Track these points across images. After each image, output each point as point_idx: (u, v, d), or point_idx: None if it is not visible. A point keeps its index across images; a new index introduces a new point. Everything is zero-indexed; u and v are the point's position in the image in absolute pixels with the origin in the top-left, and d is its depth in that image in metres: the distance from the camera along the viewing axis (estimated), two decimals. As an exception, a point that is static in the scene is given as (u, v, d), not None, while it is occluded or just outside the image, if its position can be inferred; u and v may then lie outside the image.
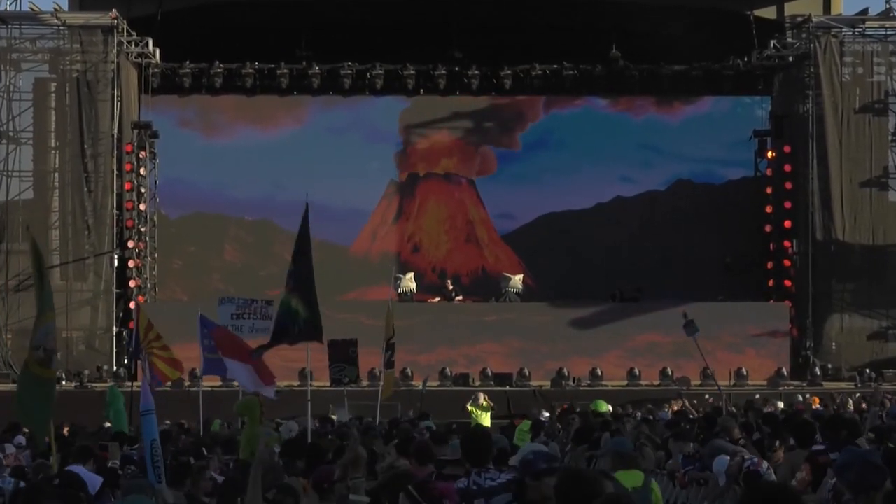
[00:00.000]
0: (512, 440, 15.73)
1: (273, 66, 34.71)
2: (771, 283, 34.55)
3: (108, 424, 20.38)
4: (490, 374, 31.08)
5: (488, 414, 26.47)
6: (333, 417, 22.44)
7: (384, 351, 21.42)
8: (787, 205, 33.97)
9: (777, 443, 13.13)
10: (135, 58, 33.81)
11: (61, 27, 33.31)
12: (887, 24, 33.89)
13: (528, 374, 31.08)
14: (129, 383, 26.86)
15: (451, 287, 33.91)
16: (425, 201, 36.41)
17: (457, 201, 36.42)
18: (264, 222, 35.93)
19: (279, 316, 16.66)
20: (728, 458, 12.23)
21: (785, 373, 31.35)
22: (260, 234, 36.07)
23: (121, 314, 32.88)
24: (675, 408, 25.03)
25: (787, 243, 34.08)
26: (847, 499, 6.96)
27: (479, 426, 20.32)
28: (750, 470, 11.50)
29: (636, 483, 8.92)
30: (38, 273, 12.70)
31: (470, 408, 27.16)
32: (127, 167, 33.67)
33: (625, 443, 10.59)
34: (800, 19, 33.98)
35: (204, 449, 14.37)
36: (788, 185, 34.01)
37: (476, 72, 34.90)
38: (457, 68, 34.94)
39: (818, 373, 31.77)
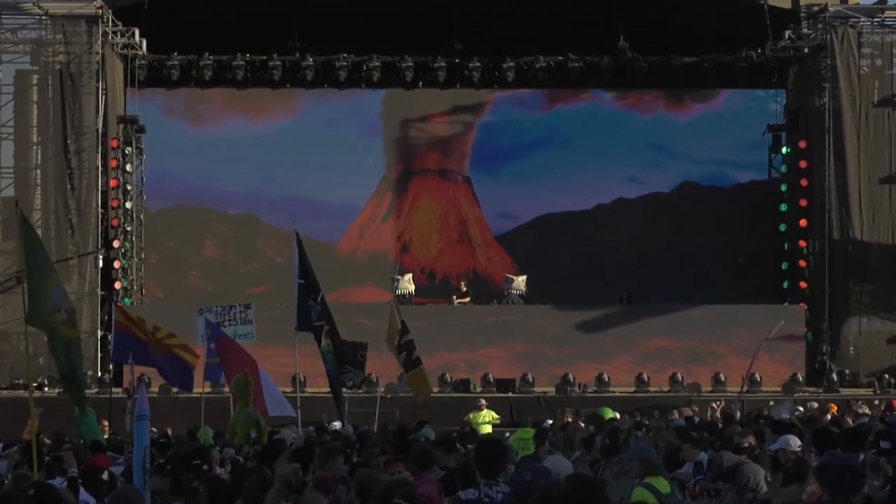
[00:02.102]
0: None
1: (265, 57, 34.62)
2: (785, 284, 34.45)
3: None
4: (492, 379, 30.95)
5: (490, 424, 26.33)
6: (336, 426, 22.28)
7: (397, 353, 21.36)
8: (803, 203, 33.87)
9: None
10: (120, 49, 33.69)
11: (43, 17, 33.18)
12: (907, 13, 33.83)
13: (531, 379, 30.97)
14: (112, 389, 26.77)
15: (464, 288, 33.84)
16: (418, 198, 36.34)
17: (451, 199, 36.35)
18: (248, 216, 35.86)
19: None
20: None
21: (800, 378, 31.23)
22: (243, 230, 36.02)
23: (105, 317, 32.75)
24: (688, 413, 24.89)
25: (802, 243, 33.97)
26: (825, 500, 7.27)
27: (492, 436, 20.17)
28: None
29: (666, 489, 9.11)
30: (30, 240, 12.67)
31: (472, 416, 26.98)
32: (112, 163, 33.54)
33: (650, 450, 10.75)
34: (816, 9, 33.88)
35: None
36: (804, 182, 33.92)
37: (477, 64, 34.80)
38: (457, 60, 34.85)
39: (835, 379, 31.65)
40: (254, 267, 35.95)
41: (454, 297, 33.81)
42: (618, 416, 23.78)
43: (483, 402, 27.17)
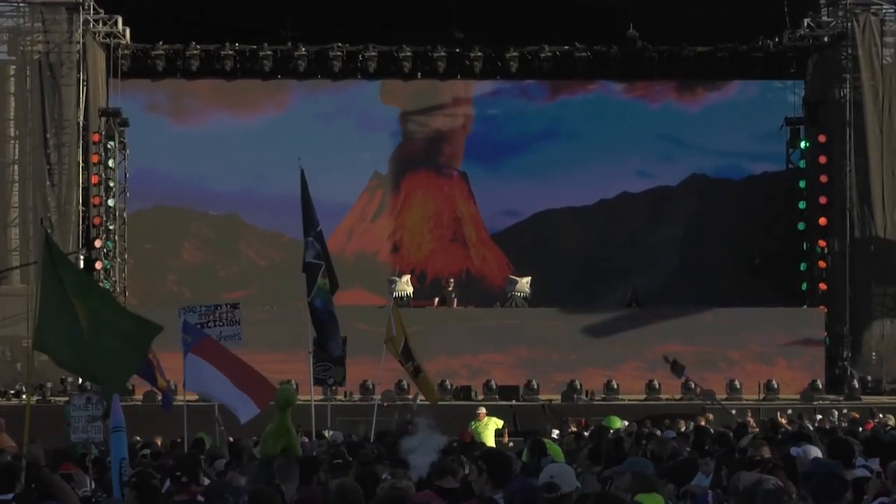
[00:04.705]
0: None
1: (255, 47, 34.55)
2: (804, 286, 34.37)
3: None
4: (494, 386, 30.86)
5: (492, 431, 26.22)
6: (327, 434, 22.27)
7: (404, 359, 21.37)
8: (822, 200, 33.79)
9: None
10: (102, 38, 33.63)
11: (21, 4, 33.17)
12: (932, 0, 33.78)
13: (536, 386, 30.87)
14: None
15: (451, 288, 33.71)
16: (411, 195, 36.28)
17: (445, 196, 36.29)
18: (230, 217, 35.81)
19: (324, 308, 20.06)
20: None
21: (820, 386, 31.15)
22: (224, 231, 35.99)
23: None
24: (702, 423, 24.78)
25: (822, 242, 33.90)
26: None
27: (497, 448, 20.13)
28: None
29: None
30: (50, 262, 12.57)
31: (473, 426, 26.86)
32: (94, 159, 33.49)
33: (646, 463, 10.66)
34: (836, -5, 33.87)
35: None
36: (823, 179, 33.84)
37: (479, 53, 34.74)
38: (458, 50, 34.79)
39: (856, 386, 31.55)
40: (235, 270, 35.92)
41: (436, 300, 33.63)
42: (626, 424, 23.74)
43: (483, 409, 27.02)
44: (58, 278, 12.64)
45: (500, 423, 26.22)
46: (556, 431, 24.11)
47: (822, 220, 33.77)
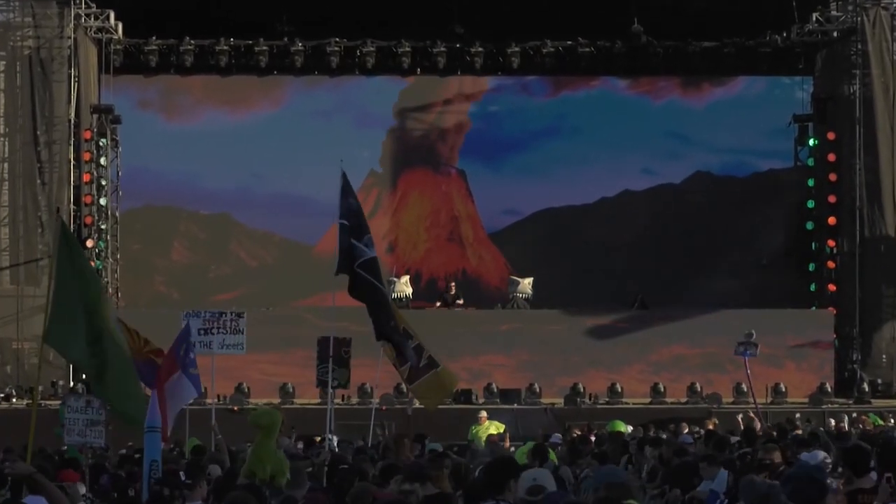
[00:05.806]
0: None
1: (250, 42, 34.51)
2: (813, 287, 34.36)
3: (66, 447, 20.19)
4: (496, 389, 30.83)
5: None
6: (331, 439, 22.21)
7: (398, 363, 21.35)
8: (832, 199, 33.77)
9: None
10: (94, 33, 33.59)
11: (11, -1, 33.16)
12: (944, -6, 33.75)
13: (538, 390, 30.84)
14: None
15: (453, 291, 33.68)
16: (408, 194, 36.25)
17: (443, 194, 36.26)
18: (222, 216, 35.77)
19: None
20: None
21: (829, 389, 31.15)
22: (214, 231, 35.96)
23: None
24: (711, 427, 24.79)
25: (831, 242, 33.88)
26: None
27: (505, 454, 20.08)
28: None
29: None
30: (65, 252, 12.51)
31: (474, 430, 26.86)
32: (85, 156, 33.44)
33: (617, 471, 10.73)
34: (845, -11, 33.86)
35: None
36: (832, 177, 33.82)
37: (479, 49, 34.70)
38: (458, 45, 34.75)
39: (866, 389, 31.53)
40: (224, 271, 35.90)
41: (437, 304, 33.59)
42: (630, 429, 23.73)
43: (484, 413, 27.01)
44: (73, 275, 12.58)
45: (501, 427, 26.18)
46: (559, 436, 24.07)
47: (831, 220, 33.74)
